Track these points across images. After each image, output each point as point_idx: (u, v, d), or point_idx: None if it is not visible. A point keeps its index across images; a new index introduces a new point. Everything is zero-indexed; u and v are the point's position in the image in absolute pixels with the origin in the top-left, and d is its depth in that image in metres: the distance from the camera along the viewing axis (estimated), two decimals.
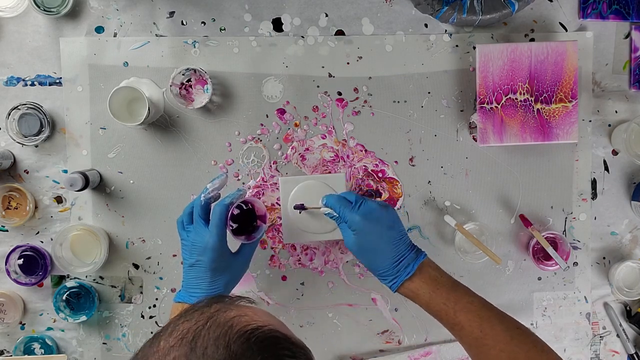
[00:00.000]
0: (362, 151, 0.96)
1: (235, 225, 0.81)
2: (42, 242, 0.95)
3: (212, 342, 0.44)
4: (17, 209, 0.94)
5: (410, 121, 0.96)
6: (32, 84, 0.94)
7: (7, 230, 0.95)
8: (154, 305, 0.96)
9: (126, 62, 0.94)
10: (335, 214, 0.81)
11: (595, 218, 0.98)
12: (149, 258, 0.96)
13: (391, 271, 0.77)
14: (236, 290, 0.84)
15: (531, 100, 0.92)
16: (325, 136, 0.95)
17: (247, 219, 0.82)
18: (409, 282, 0.76)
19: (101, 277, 0.96)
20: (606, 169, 0.98)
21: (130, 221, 0.95)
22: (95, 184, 0.93)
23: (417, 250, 0.79)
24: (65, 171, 0.94)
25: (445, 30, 0.95)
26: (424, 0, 0.91)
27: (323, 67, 0.95)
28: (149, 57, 0.94)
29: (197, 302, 0.50)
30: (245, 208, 0.82)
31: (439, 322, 0.76)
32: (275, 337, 0.46)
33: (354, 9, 0.94)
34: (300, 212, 0.88)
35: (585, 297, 0.98)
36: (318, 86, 0.95)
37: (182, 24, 0.94)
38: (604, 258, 0.98)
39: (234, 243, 0.81)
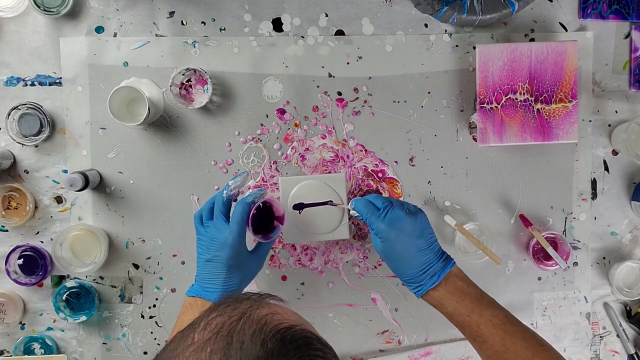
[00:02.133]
0: (362, 151, 0.96)
1: (254, 224, 0.81)
2: (42, 242, 0.95)
3: (248, 338, 0.44)
4: (17, 209, 0.94)
5: (410, 121, 0.96)
6: (32, 84, 0.94)
7: (7, 230, 0.95)
8: (154, 305, 0.96)
9: (126, 62, 0.94)
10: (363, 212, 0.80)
11: (595, 218, 0.98)
12: (149, 258, 0.96)
13: (416, 279, 0.76)
14: None
15: (531, 100, 0.92)
16: (325, 136, 0.95)
17: (265, 219, 0.83)
18: (434, 291, 0.76)
19: (101, 277, 0.96)
20: (606, 169, 0.98)
21: (130, 221, 0.95)
22: (95, 184, 0.93)
23: (446, 259, 0.77)
24: (65, 171, 0.94)
25: (445, 30, 0.95)
26: (424, 0, 0.91)
27: (323, 67, 0.95)
28: (149, 57, 0.94)
29: (226, 297, 0.51)
30: (264, 208, 0.82)
31: (460, 332, 0.76)
32: (308, 337, 0.46)
33: (354, 9, 0.94)
34: (300, 212, 0.89)
35: (585, 297, 0.98)
36: (318, 86, 0.95)
37: (182, 24, 0.94)
38: (604, 258, 0.98)
39: (250, 241, 0.81)
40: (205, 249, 0.80)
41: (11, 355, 0.94)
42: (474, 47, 0.93)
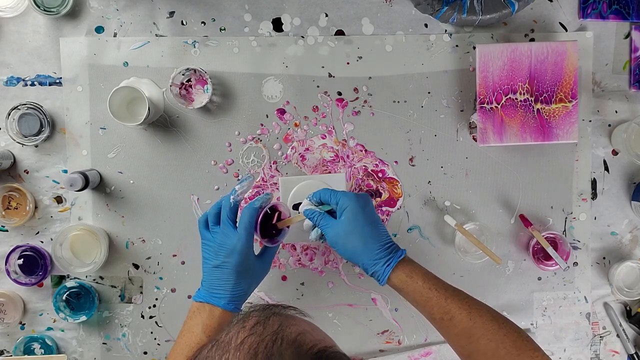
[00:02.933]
0: (362, 151, 0.96)
1: (260, 228, 0.81)
2: (42, 242, 0.95)
3: None
4: (17, 209, 0.94)
5: (410, 121, 0.96)
6: (32, 84, 0.94)
7: (7, 230, 0.95)
8: (154, 305, 0.96)
9: (126, 62, 0.94)
10: (316, 210, 0.80)
11: (595, 218, 0.98)
12: (149, 258, 0.96)
13: (382, 254, 0.76)
14: None
15: (531, 100, 0.92)
16: (325, 136, 0.95)
17: (271, 223, 0.82)
18: (398, 271, 0.75)
19: (101, 277, 0.96)
20: (606, 169, 0.98)
21: (130, 221, 0.95)
22: (95, 184, 0.93)
23: (396, 247, 0.78)
24: (65, 171, 0.94)
25: (445, 30, 0.95)
26: (424, 0, 0.91)
27: (323, 67, 0.95)
28: (149, 57, 0.94)
29: (249, 312, 0.51)
30: (270, 212, 0.82)
31: (426, 314, 0.75)
32: (342, 358, 0.48)
33: (354, 9, 0.94)
34: (300, 213, 0.88)
35: (585, 297, 0.98)
36: (318, 86, 0.95)
37: (182, 24, 0.94)
38: (604, 258, 0.98)
39: (256, 245, 0.81)
40: (213, 255, 0.79)
41: (11, 355, 0.94)
42: (474, 47, 0.93)
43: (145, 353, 0.96)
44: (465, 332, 0.71)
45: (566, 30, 0.96)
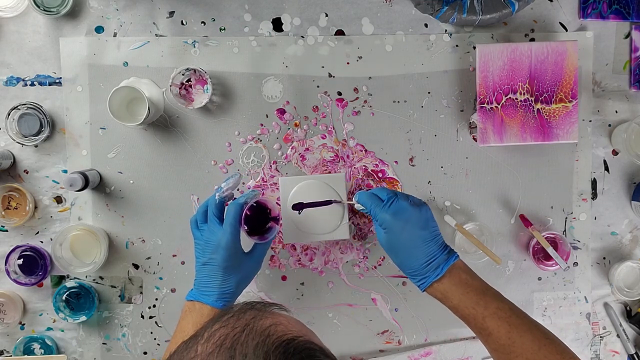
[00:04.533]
0: (362, 151, 0.96)
1: (249, 225, 0.81)
2: (41, 242, 0.95)
3: (251, 351, 0.44)
4: (16, 209, 0.94)
5: (410, 121, 0.96)
6: (32, 84, 0.94)
7: (6, 230, 0.95)
8: (154, 306, 0.96)
9: (126, 62, 0.94)
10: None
11: (595, 218, 0.98)
12: (148, 258, 0.96)
13: (420, 272, 0.76)
14: None
15: (531, 100, 0.92)
16: (325, 136, 0.95)
17: (260, 220, 0.82)
18: (438, 283, 0.75)
19: (101, 277, 0.96)
20: (606, 169, 0.97)
21: (130, 221, 0.95)
22: (95, 184, 0.93)
23: (450, 252, 0.77)
24: (65, 171, 0.94)
25: (445, 30, 0.95)
26: (424, 0, 0.91)
27: (323, 67, 0.95)
28: (148, 57, 0.94)
29: (231, 307, 0.50)
30: (259, 208, 0.82)
31: (466, 325, 0.75)
32: (312, 348, 0.46)
33: (354, 9, 0.94)
34: (299, 212, 0.88)
35: (585, 297, 0.98)
36: (318, 86, 0.95)
37: (182, 23, 0.94)
38: (604, 258, 0.98)
39: (246, 243, 0.81)
40: (201, 253, 0.80)
41: (11, 356, 0.94)
42: (474, 47, 0.93)
43: (145, 353, 0.96)
44: (504, 348, 0.71)
45: (566, 30, 0.96)
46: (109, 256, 0.95)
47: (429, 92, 0.95)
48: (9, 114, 0.91)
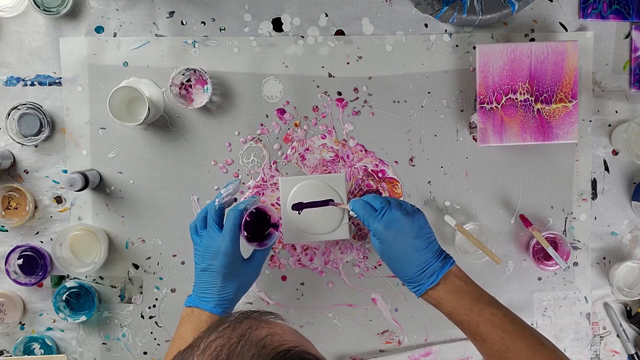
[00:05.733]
0: (362, 151, 0.96)
1: (248, 232, 0.81)
2: (41, 242, 0.95)
3: None
4: (16, 209, 0.94)
5: (410, 121, 0.96)
6: (32, 84, 0.94)
7: (6, 230, 0.95)
8: (154, 306, 0.96)
9: (126, 62, 0.94)
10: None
11: (595, 218, 0.98)
12: (148, 258, 0.96)
13: (414, 279, 0.76)
14: None
15: (531, 100, 0.92)
16: (325, 136, 0.95)
17: (260, 226, 0.82)
18: (433, 290, 0.75)
19: (101, 277, 0.96)
20: (606, 169, 0.97)
21: (130, 221, 0.95)
22: (95, 184, 0.93)
23: (445, 258, 0.77)
24: (65, 171, 0.94)
25: (445, 30, 0.95)
26: (424, 0, 0.91)
27: (323, 67, 0.95)
28: (148, 57, 0.94)
29: (227, 316, 0.50)
30: (258, 215, 0.82)
31: (461, 331, 0.75)
32: (308, 359, 0.46)
33: (354, 9, 0.94)
34: (299, 213, 0.88)
35: (585, 297, 0.98)
36: (318, 86, 0.95)
37: (182, 24, 0.94)
38: (604, 258, 0.98)
39: (246, 249, 0.81)
40: (200, 259, 0.80)
41: (11, 356, 0.94)
42: (474, 47, 0.93)
43: (145, 353, 0.96)
44: (498, 354, 0.71)
45: (566, 30, 0.96)
46: (109, 256, 0.95)
47: (429, 92, 0.95)
48: (9, 114, 0.91)
